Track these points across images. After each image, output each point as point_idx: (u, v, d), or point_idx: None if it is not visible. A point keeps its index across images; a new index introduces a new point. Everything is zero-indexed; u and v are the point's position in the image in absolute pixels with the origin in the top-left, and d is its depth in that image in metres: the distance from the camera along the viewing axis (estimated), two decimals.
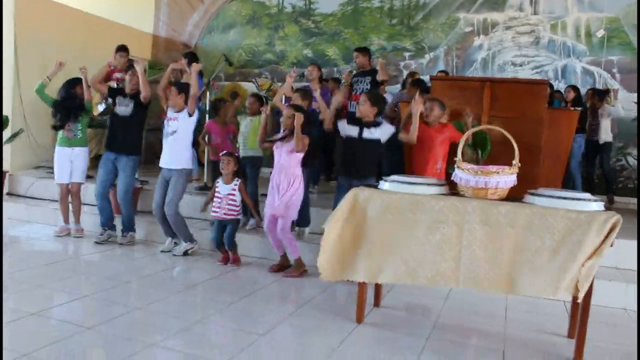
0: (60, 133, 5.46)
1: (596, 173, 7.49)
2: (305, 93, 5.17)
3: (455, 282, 3.17)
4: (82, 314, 3.46)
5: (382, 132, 4.46)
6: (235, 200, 4.82)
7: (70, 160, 5.49)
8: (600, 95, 7.33)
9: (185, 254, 5.00)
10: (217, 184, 4.90)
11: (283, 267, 4.67)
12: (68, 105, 5.40)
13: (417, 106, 4.41)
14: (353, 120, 4.58)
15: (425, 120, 4.61)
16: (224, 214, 4.80)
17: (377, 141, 4.46)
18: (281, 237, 4.52)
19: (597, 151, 7.33)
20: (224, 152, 5.01)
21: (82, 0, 9.62)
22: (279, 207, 4.45)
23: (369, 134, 4.45)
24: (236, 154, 5.11)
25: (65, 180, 5.53)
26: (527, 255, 3.05)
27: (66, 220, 5.63)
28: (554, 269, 2.96)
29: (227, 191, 4.83)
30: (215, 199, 4.86)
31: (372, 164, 4.50)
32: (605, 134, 7.20)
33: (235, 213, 4.84)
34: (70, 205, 5.60)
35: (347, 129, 4.51)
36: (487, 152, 4.53)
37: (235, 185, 4.84)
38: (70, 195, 5.56)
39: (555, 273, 2.95)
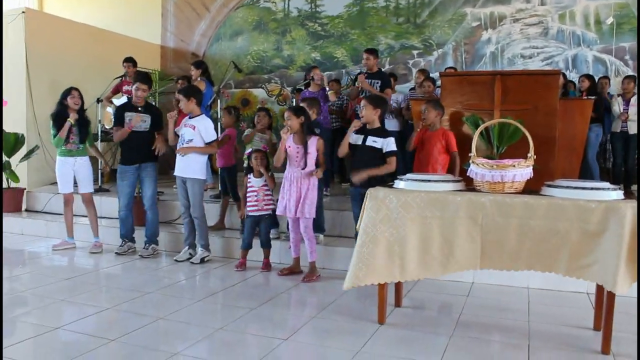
0: (62, 146, 5.42)
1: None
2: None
3: (478, 265, 3.19)
4: (105, 326, 3.47)
5: (384, 143, 4.33)
6: (270, 192, 4.87)
7: (72, 170, 5.48)
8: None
9: (202, 261, 5.03)
10: (248, 180, 4.90)
11: (293, 272, 4.66)
12: (63, 120, 5.32)
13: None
14: (360, 129, 4.47)
15: (425, 124, 4.61)
16: (265, 205, 4.84)
17: (380, 149, 4.35)
18: (304, 235, 4.52)
19: (624, 142, 7.06)
20: (255, 148, 5.02)
21: (90, 15, 9.77)
22: (299, 209, 4.44)
23: (371, 142, 4.36)
24: (264, 149, 5.07)
25: (68, 190, 5.55)
26: (547, 247, 3.02)
27: (70, 234, 5.67)
28: (579, 259, 2.94)
29: (262, 183, 4.87)
30: (249, 194, 4.86)
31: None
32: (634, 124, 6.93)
33: (272, 206, 4.86)
34: (80, 219, 5.65)
35: (354, 138, 4.44)
36: (510, 143, 4.43)
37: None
38: (85, 205, 5.58)
39: (579, 263, 2.94)
